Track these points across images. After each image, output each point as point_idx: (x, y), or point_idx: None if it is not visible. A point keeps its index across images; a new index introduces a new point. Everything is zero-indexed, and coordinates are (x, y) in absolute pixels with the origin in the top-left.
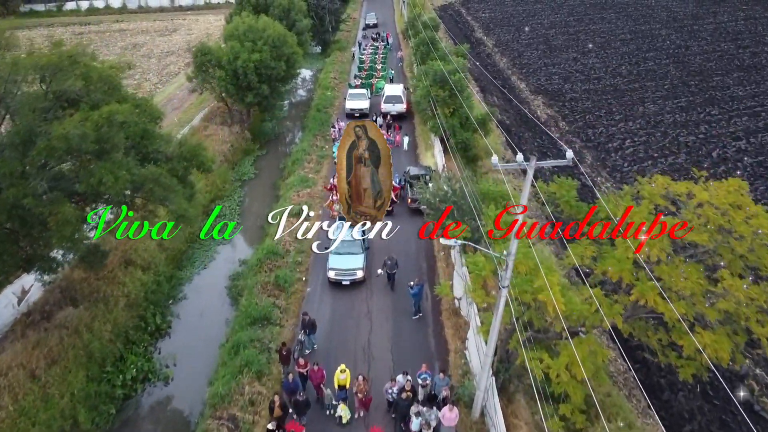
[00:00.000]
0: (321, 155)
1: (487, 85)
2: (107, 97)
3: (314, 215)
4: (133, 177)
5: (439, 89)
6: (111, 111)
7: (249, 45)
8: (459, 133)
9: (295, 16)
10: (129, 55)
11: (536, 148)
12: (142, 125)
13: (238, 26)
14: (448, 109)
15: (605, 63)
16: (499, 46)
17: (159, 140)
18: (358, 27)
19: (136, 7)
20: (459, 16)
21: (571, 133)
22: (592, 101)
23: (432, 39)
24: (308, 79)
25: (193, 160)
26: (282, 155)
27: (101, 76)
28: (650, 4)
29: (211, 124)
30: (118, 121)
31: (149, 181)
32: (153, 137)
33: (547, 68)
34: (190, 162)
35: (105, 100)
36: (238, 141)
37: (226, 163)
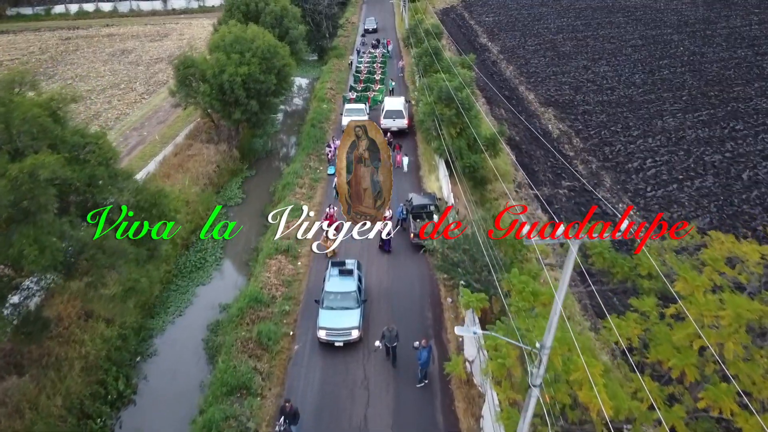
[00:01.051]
0: (314, 178)
1: (493, 96)
2: (36, 142)
3: (304, 251)
4: (68, 244)
5: (445, 107)
6: (35, 164)
7: (236, 57)
8: (466, 156)
9: (288, 24)
10: (117, 62)
11: (549, 168)
12: (89, 170)
13: (224, 36)
14: (454, 129)
15: (617, 71)
16: (505, 52)
17: (111, 188)
18: (357, 32)
19: (127, 11)
20: (462, 20)
21: (586, 150)
22: (607, 114)
23: (436, 49)
24: (304, 87)
25: (153, 209)
26: (273, 175)
27: (27, 117)
28: (659, 8)
29: (195, 141)
30: (44, 177)
31: (90, 246)
32: (102, 185)
33: (556, 77)
34: (149, 212)
35: (33, 146)
36: (225, 160)
37: (210, 186)
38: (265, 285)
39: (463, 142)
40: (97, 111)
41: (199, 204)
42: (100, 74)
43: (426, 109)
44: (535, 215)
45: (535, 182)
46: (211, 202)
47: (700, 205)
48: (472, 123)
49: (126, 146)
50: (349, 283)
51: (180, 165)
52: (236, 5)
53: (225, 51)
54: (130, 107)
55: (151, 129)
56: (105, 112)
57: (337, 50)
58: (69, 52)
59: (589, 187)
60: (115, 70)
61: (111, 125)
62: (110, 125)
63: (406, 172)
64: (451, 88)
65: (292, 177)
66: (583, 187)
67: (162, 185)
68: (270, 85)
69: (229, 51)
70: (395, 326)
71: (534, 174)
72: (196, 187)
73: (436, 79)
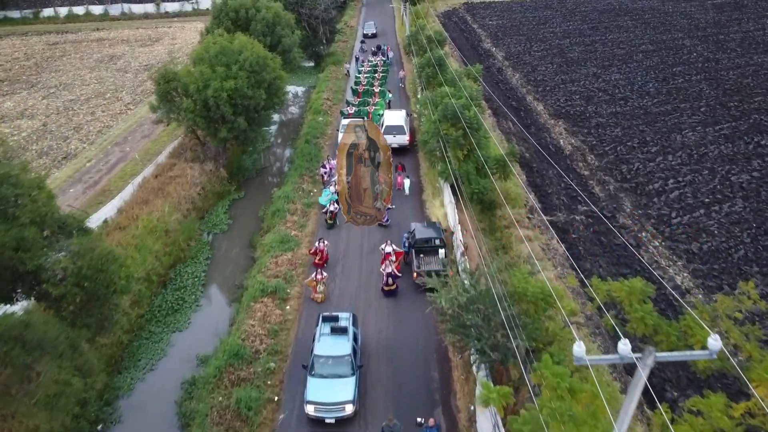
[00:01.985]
0: (308, 203)
1: (500, 107)
2: None
3: (294, 292)
4: None
5: (450, 126)
6: None
7: (221, 70)
8: (474, 182)
9: (281, 32)
10: (104, 69)
11: (563, 190)
12: (15, 231)
13: (209, 47)
14: (461, 152)
15: (629, 79)
16: (510, 58)
17: (46, 249)
18: (356, 36)
19: (118, 14)
20: (464, 23)
21: (602, 169)
22: (622, 128)
23: (439, 60)
24: (300, 95)
25: (98, 277)
26: (264, 196)
27: None
28: (667, 11)
29: (179, 160)
30: None
31: (4, 338)
32: (34, 250)
33: (565, 86)
34: (93, 280)
35: None
36: (211, 182)
37: (194, 212)
38: (247, 336)
39: (471, 165)
40: (79, 123)
41: (181, 233)
42: (85, 82)
43: (429, 127)
44: (550, 246)
45: (549, 206)
46: (194, 231)
47: (731, 234)
48: (481, 144)
49: (106, 164)
50: (343, 344)
51: (160, 189)
52: (224, 12)
53: (209, 63)
54: (114, 119)
55: (134, 144)
56: (87, 124)
57: (335, 56)
58: (55, 58)
59: (606, 220)
60: (102, 78)
61: (93, 139)
62: (92, 139)
63: (407, 196)
64: (457, 107)
65: (282, 202)
66: (603, 213)
67: (110, 247)
68: (259, 101)
69: (214, 63)
70: (397, 422)
71: (547, 197)
72: (177, 214)
73: (440, 95)
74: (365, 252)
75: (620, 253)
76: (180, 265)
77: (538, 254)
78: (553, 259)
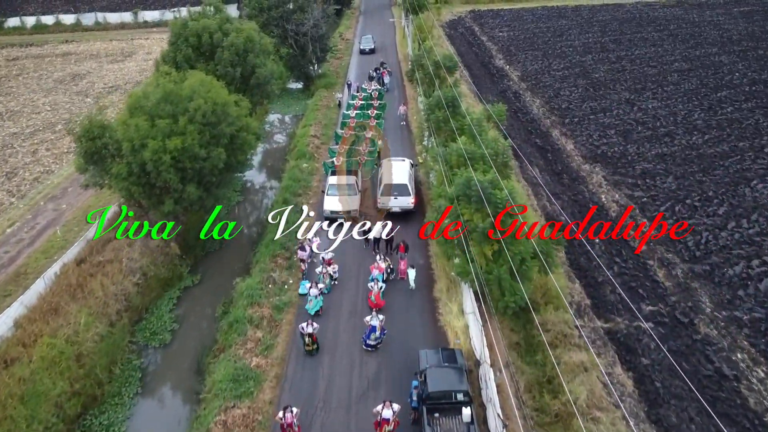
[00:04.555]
0: (279, 304)
1: (522, 144)
2: None
3: None
4: None
5: (475, 212)
6: None
7: (164, 124)
8: (509, 292)
9: (254, 60)
10: (62, 92)
11: (618, 277)
12: None
13: (149, 94)
14: (489, 248)
15: (670, 108)
16: (527, 79)
17: None
18: (351, 52)
19: (92, 24)
20: (472, 35)
21: (662, 241)
22: (674, 177)
23: (452, 101)
24: (288, 122)
25: None
26: (226, 280)
27: None
28: (693, 20)
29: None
30: None
31: None
32: None
33: (596, 116)
34: None
35: None
36: (155, 263)
37: (127, 314)
38: None
39: (503, 268)
40: (14, 167)
41: (100, 357)
42: (36, 109)
43: (440, 198)
44: (614, 379)
45: (602, 303)
46: (121, 350)
47: None
48: (520, 236)
49: (32, 229)
50: None
51: (81, 285)
52: (183, 37)
53: (149, 114)
54: (58, 160)
55: (74, 198)
56: (24, 168)
57: (327, 78)
58: (10, 77)
59: (682, 327)
60: (57, 104)
61: (25, 190)
62: (24, 190)
63: (412, 290)
64: (482, 185)
65: (243, 305)
66: (677, 317)
67: None
68: (217, 162)
69: (154, 114)
70: None
71: (597, 288)
72: (100, 324)
73: (455, 155)
74: (355, 397)
75: (714, 392)
76: (94, 410)
77: (600, 398)
78: (621, 405)
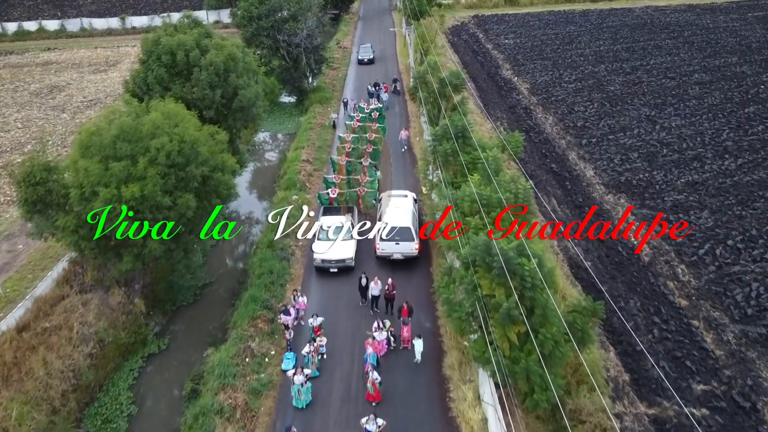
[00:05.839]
0: (258, 386)
1: (536, 170)
2: None
3: None
4: None
5: (496, 285)
6: None
7: (121, 167)
8: (539, 389)
9: (237, 81)
10: (36, 107)
11: (660, 344)
12: None
13: (101, 129)
14: (515, 330)
15: (695, 126)
16: (538, 92)
17: None
18: (349, 62)
19: (77, 30)
20: (476, 42)
21: (704, 294)
22: (710, 211)
23: (462, 131)
24: (280, 141)
25: None
26: (198, 345)
27: None
28: (707, 25)
29: (74, 286)
30: None
31: None
32: None
33: (615, 136)
34: None
35: None
36: (115, 325)
37: (74, 396)
38: None
39: (532, 357)
40: None
41: None
42: (6, 127)
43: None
44: None
45: (644, 380)
46: None
47: None
48: (547, 311)
49: None
50: None
51: (17, 363)
52: (155, 55)
53: (101, 156)
54: None
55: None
56: None
57: (322, 92)
58: None
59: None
60: (29, 120)
61: None
62: None
63: (418, 363)
64: (505, 254)
65: (212, 392)
66: (735, 400)
67: None
68: (185, 210)
69: (108, 155)
70: None
71: (637, 357)
72: (39, 413)
73: (468, 202)
74: None
75: None
76: None
77: None
78: None
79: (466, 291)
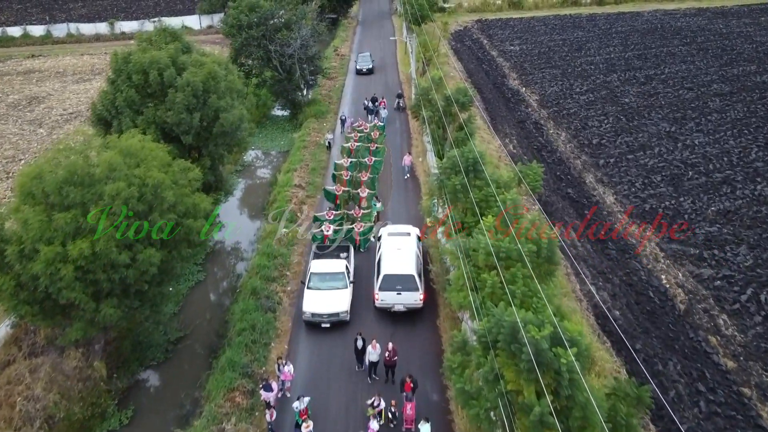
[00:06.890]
0: None
1: (551, 196)
2: None
3: None
4: None
5: (526, 381)
6: None
7: (67, 218)
8: None
9: (218, 103)
10: (12, 121)
11: (708, 421)
12: None
13: (44, 173)
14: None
15: (720, 144)
16: (548, 105)
17: None
18: (347, 70)
19: (64, 35)
20: (480, 49)
21: (753, 353)
22: (748, 246)
23: (474, 164)
24: (272, 159)
25: None
26: (167, 415)
27: None
28: (720, 30)
29: (23, 348)
30: None
31: None
32: None
33: (635, 156)
34: None
35: None
36: (70, 396)
37: None
38: None
39: None
40: None
41: None
42: None
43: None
44: None
45: None
46: None
47: None
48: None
49: None
50: None
51: None
52: (125, 73)
53: (45, 204)
54: None
55: None
56: None
57: (317, 105)
58: None
59: None
60: (3, 136)
61: None
62: None
63: None
64: (537, 345)
65: None
66: None
67: None
68: (146, 266)
69: (54, 203)
70: None
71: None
72: None
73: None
74: None
75: None
76: None
77: None
78: None
79: (485, 380)
